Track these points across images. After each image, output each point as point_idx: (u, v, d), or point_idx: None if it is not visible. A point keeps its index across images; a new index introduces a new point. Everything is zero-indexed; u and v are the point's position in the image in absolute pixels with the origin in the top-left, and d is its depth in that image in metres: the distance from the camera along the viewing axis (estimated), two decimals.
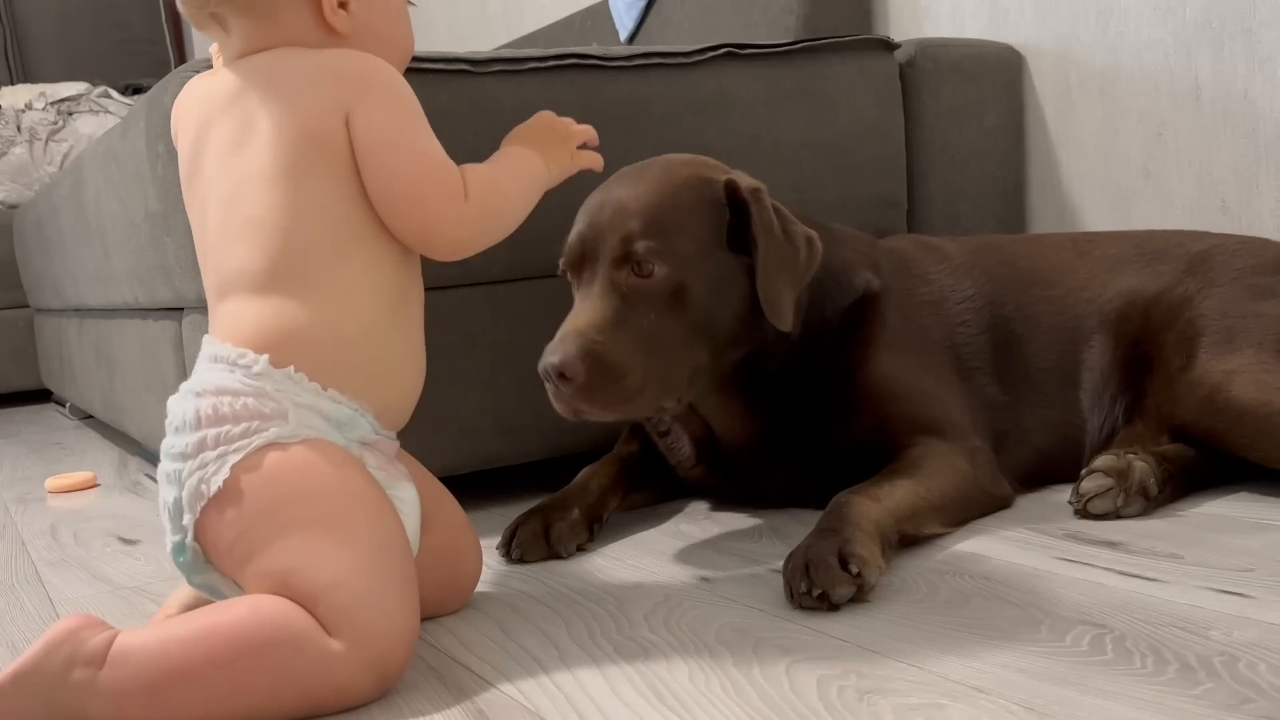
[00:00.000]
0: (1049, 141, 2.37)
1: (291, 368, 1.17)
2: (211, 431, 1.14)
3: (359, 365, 1.22)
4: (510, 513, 1.65)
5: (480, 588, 1.44)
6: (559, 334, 1.40)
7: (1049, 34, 2.32)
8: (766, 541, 1.54)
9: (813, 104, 2.10)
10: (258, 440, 1.14)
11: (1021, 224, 2.41)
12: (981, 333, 1.70)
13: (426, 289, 1.81)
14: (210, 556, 1.17)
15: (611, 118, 1.91)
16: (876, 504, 1.38)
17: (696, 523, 1.68)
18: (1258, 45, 1.98)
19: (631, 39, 2.97)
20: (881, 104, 2.18)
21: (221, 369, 1.18)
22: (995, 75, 2.34)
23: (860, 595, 1.24)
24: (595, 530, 1.62)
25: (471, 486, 1.96)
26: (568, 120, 1.46)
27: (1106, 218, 2.26)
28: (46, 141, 4.87)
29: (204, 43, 2.70)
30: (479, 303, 1.86)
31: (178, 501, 1.16)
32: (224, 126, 1.25)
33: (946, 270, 1.75)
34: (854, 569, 1.23)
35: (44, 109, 4.95)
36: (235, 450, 1.13)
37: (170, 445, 1.18)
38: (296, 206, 1.21)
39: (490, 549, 1.56)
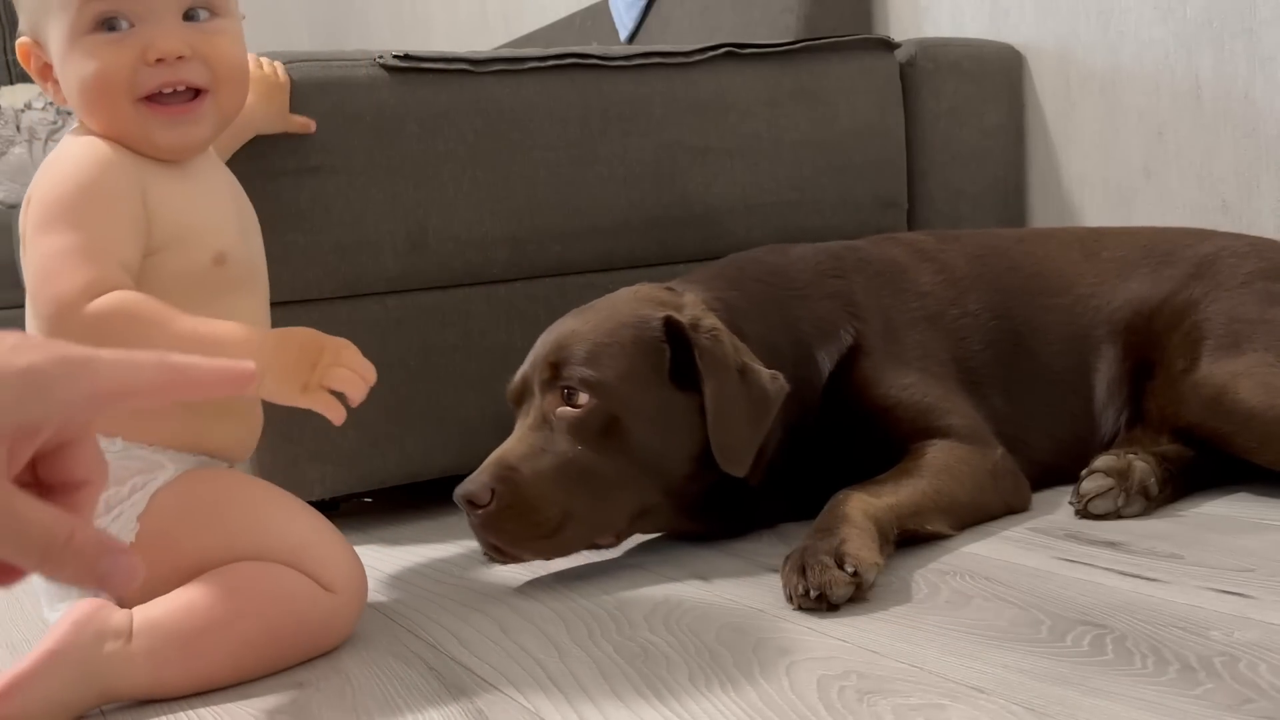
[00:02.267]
0: (1049, 141, 2.37)
1: (135, 445, 1.19)
2: (100, 502, 1.16)
3: (191, 430, 1.23)
4: None
5: (480, 588, 1.44)
6: (485, 460, 1.38)
7: (1049, 34, 2.32)
8: (766, 541, 1.54)
9: (813, 104, 2.10)
10: (149, 488, 1.18)
11: (1022, 224, 2.41)
12: (986, 348, 1.66)
13: (428, 287, 1.83)
14: (139, 598, 1.18)
15: (611, 118, 1.92)
16: (875, 500, 1.37)
17: None
18: (1259, 45, 1.98)
19: (631, 39, 2.97)
20: (881, 104, 2.18)
21: None
22: (995, 75, 2.34)
23: (859, 594, 1.24)
24: None
25: None
26: (345, 357, 1.19)
27: (1107, 217, 2.26)
28: (46, 141, 4.88)
29: None
30: (479, 303, 1.86)
31: None
32: None
33: (945, 282, 1.70)
34: (850, 568, 1.23)
35: (44, 109, 4.95)
36: (131, 504, 1.17)
37: None
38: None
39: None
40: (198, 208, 1.24)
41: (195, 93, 1.19)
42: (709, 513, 1.50)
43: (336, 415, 1.16)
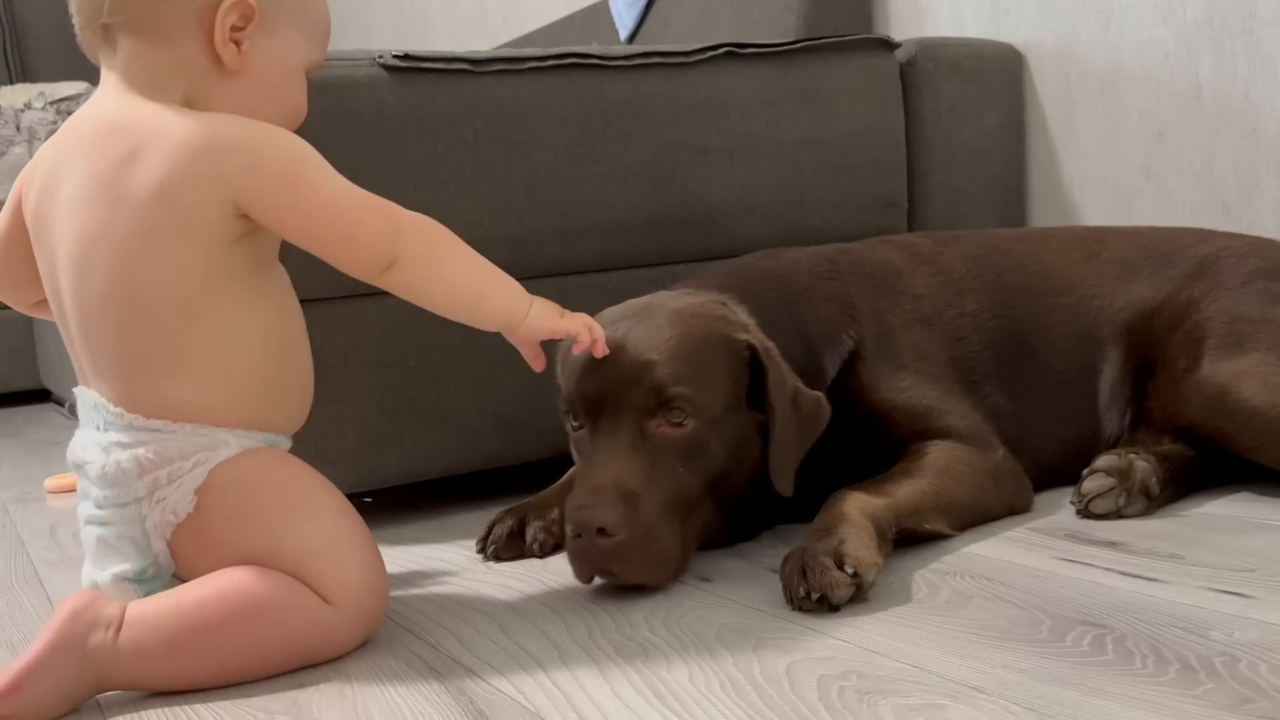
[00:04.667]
0: (1049, 141, 2.36)
1: (202, 426, 1.22)
2: (162, 472, 1.20)
3: (258, 409, 1.26)
4: None
5: (480, 588, 1.44)
6: (589, 484, 1.31)
7: (1049, 33, 2.32)
8: (766, 541, 1.54)
9: (813, 104, 2.09)
10: (210, 463, 1.21)
11: (1022, 223, 2.41)
12: (985, 348, 1.66)
13: None
14: (180, 571, 1.24)
15: (611, 117, 1.92)
16: (873, 499, 1.37)
17: None
18: (1259, 45, 1.97)
19: (631, 38, 2.97)
20: (881, 104, 2.18)
21: (143, 430, 1.21)
22: (995, 75, 2.34)
23: (860, 594, 1.24)
24: None
25: (471, 486, 1.96)
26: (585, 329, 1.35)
27: (1107, 217, 2.26)
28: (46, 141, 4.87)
29: None
30: None
31: (128, 537, 1.22)
32: (80, 170, 1.21)
33: (941, 284, 1.70)
34: (850, 568, 1.23)
35: (43, 109, 4.95)
36: (191, 478, 1.21)
37: (110, 495, 1.21)
38: (148, 280, 1.19)
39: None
40: None
41: None
42: (733, 523, 1.50)
43: (599, 341, 1.35)
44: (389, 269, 1.24)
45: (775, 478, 1.42)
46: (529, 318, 1.32)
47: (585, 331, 1.34)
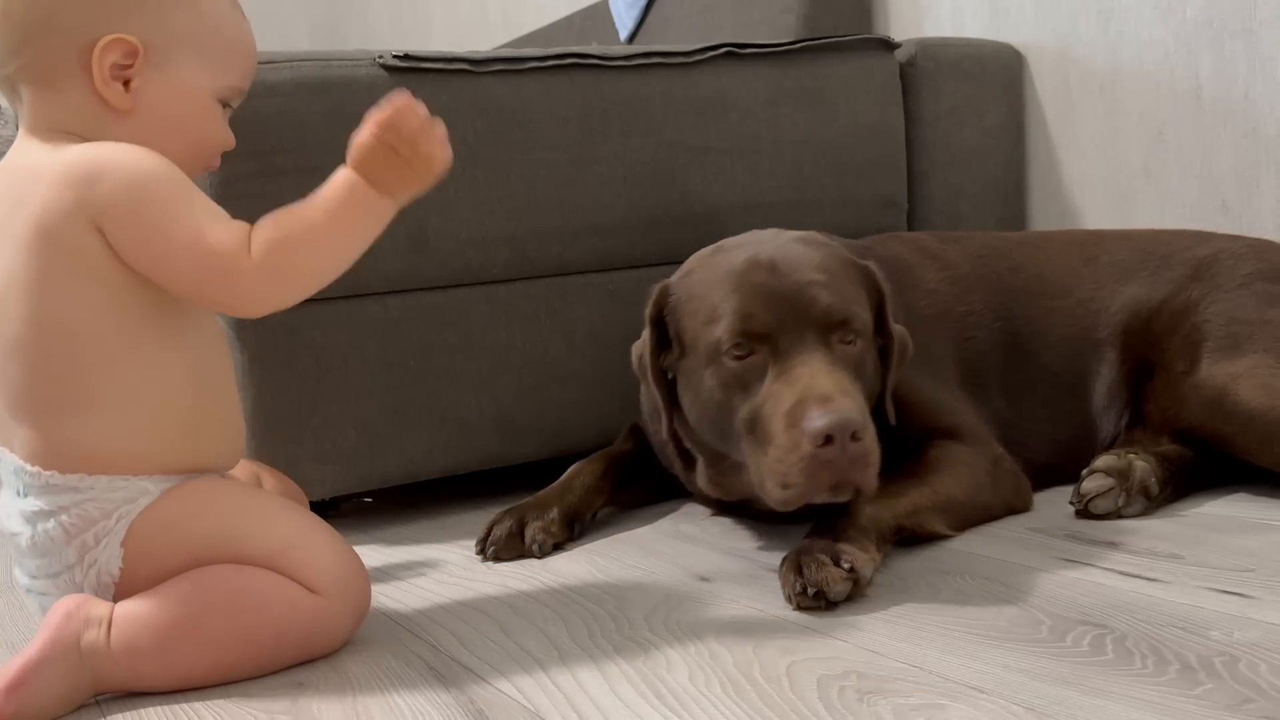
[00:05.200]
0: (1049, 141, 2.36)
1: (119, 478, 1.20)
2: (88, 535, 1.19)
3: (180, 452, 1.24)
4: None
5: (480, 587, 1.44)
6: (814, 394, 1.27)
7: (1049, 33, 2.32)
8: (766, 541, 1.54)
9: (813, 104, 2.09)
10: (130, 516, 1.20)
11: (1022, 224, 2.41)
12: (991, 349, 1.67)
13: (428, 287, 1.83)
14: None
15: (611, 117, 1.92)
16: (875, 499, 1.37)
17: (696, 523, 1.68)
18: (1258, 45, 1.98)
19: (631, 39, 2.97)
20: (881, 104, 2.18)
21: (61, 490, 1.19)
22: (995, 75, 2.34)
23: (857, 591, 1.24)
24: (576, 529, 1.62)
25: (471, 486, 1.96)
26: (414, 124, 1.24)
27: (1107, 218, 2.26)
28: None
29: None
30: (479, 303, 1.86)
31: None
32: None
33: (950, 279, 1.71)
34: (846, 564, 1.23)
35: None
36: (115, 534, 1.19)
37: (42, 565, 1.21)
38: (54, 320, 1.16)
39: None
40: None
41: None
42: None
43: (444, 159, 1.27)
44: (237, 314, 1.22)
45: (890, 402, 1.44)
46: (398, 203, 1.23)
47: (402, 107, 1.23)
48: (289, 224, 1.20)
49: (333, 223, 1.20)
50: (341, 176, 1.22)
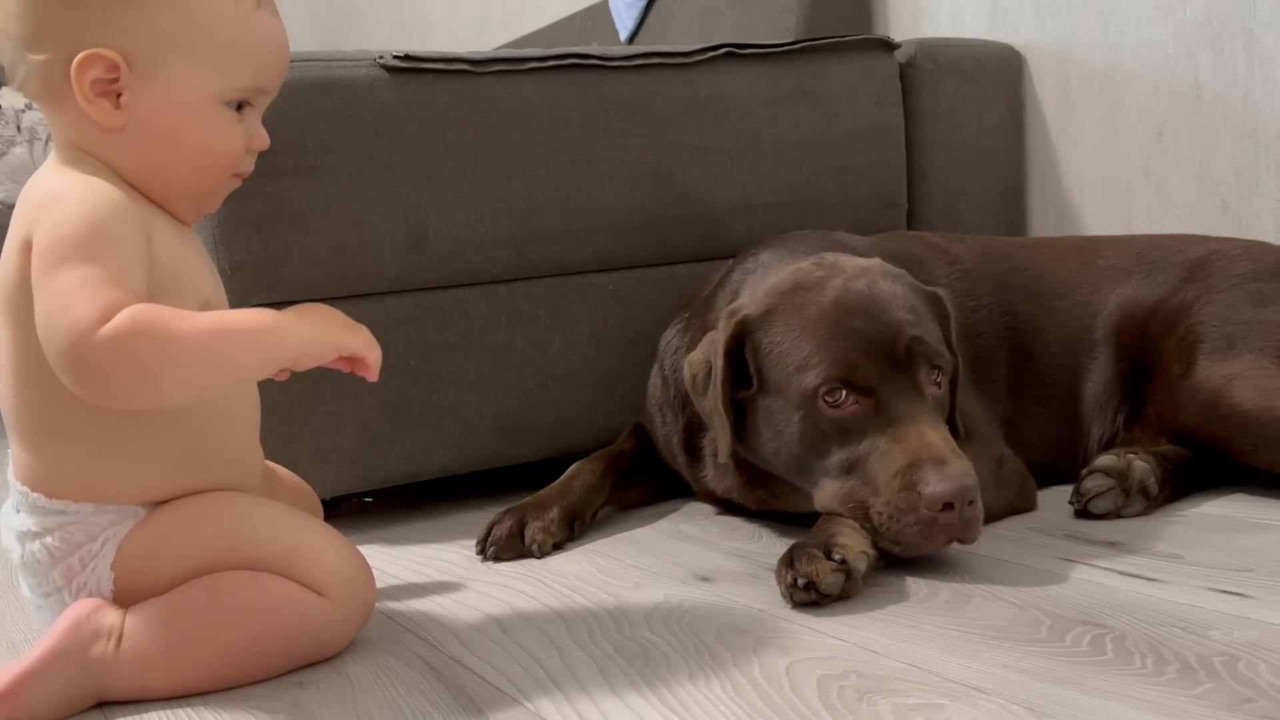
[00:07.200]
0: (1049, 141, 2.37)
1: (107, 505, 1.18)
2: (74, 559, 1.18)
3: (172, 484, 1.21)
4: None
5: (480, 587, 1.44)
6: (933, 455, 1.27)
7: (1049, 34, 2.32)
8: (766, 541, 1.54)
9: (813, 104, 2.10)
10: (118, 537, 1.18)
11: (1022, 224, 2.41)
12: (998, 346, 1.68)
13: (428, 287, 1.83)
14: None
15: (611, 118, 1.92)
16: None
17: (696, 523, 1.68)
18: (1258, 45, 1.98)
19: (631, 39, 2.97)
20: (881, 104, 2.18)
21: (47, 512, 1.18)
22: (995, 75, 2.34)
23: (851, 585, 1.25)
24: (576, 529, 1.62)
25: (471, 486, 1.96)
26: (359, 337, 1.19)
27: (1107, 218, 2.26)
28: (46, 141, 4.88)
29: None
30: (479, 303, 1.86)
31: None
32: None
33: (958, 274, 1.71)
34: (837, 556, 1.24)
35: None
36: (103, 558, 1.18)
37: (34, 584, 1.21)
38: (30, 348, 1.11)
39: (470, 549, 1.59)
40: (186, 256, 1.22)
41: None
42: None
43: (375, 364, 1.20)
44: (97, 392, 1.08)
45: (960, 421, 1.44)
46: (301, 354, 1.13)
47: (371, 352, 1.19)
48: (167, 317, 1.06)
49: (217, 335, 1.08)
50: (258, 310, 1.14)
